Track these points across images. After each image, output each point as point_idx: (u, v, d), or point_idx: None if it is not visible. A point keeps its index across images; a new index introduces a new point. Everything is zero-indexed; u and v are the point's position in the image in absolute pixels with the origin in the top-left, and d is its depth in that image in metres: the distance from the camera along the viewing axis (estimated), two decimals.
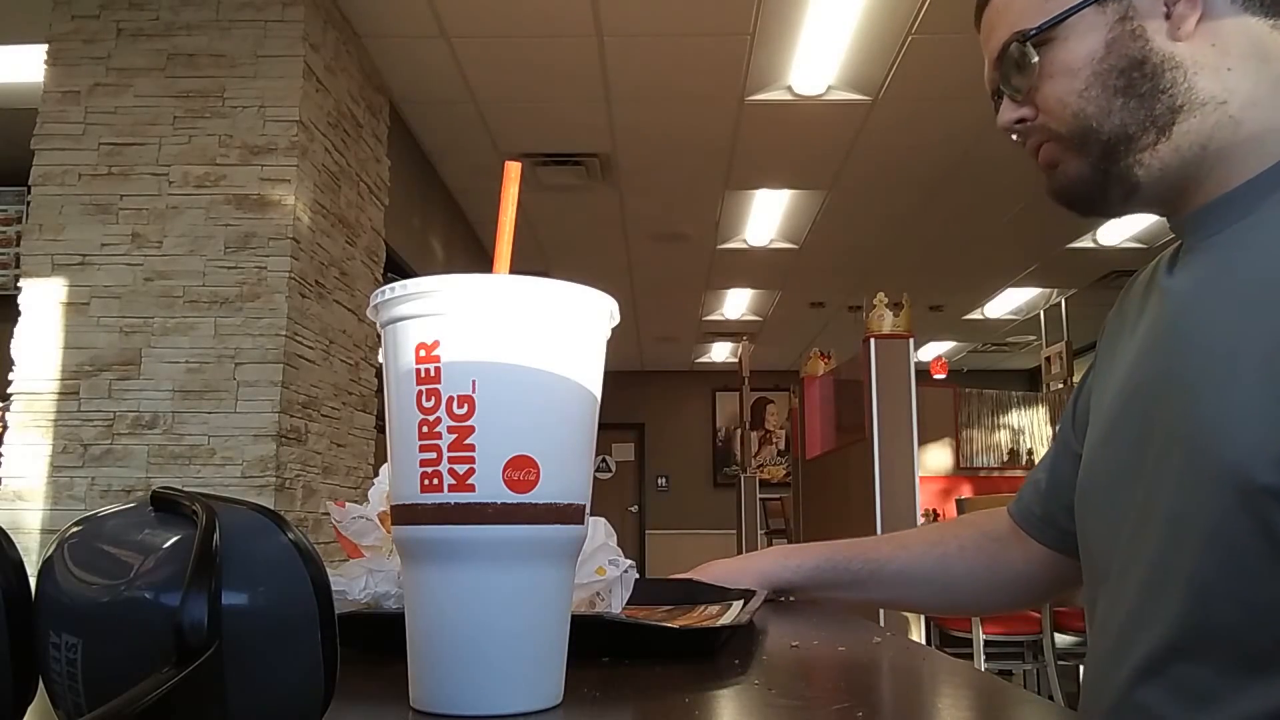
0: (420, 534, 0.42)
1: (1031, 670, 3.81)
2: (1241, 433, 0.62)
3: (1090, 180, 0.75)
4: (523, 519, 0.41)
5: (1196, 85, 0.70)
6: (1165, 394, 0.70)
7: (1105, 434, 0.78)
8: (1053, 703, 2.86)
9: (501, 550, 0.42)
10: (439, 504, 0.41)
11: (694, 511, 11.99)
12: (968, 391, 6.26)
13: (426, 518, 0.42)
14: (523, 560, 0.42)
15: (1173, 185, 0.73)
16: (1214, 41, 0.70)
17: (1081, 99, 0.73)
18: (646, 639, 0.58)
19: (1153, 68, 0.71)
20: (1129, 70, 0.71)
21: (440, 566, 0.42)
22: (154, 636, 0.29)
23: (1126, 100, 0.71)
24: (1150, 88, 0.71)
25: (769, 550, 1.12)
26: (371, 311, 0.45)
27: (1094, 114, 0.72)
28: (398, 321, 0.43)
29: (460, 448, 0.41)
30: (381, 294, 0.44)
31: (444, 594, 0.42)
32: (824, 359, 5.56)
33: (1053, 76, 0.74)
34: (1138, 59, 0.71)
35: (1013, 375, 11.76)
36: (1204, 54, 0.70)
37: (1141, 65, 0.71)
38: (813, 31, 4.07)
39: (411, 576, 0.44)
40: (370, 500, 0.72)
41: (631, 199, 6.10)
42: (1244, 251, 0.69)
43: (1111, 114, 0.72)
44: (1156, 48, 0.71)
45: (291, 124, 3.44)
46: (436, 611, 0.42)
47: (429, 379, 0.42)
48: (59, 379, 3.32)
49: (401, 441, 0.43)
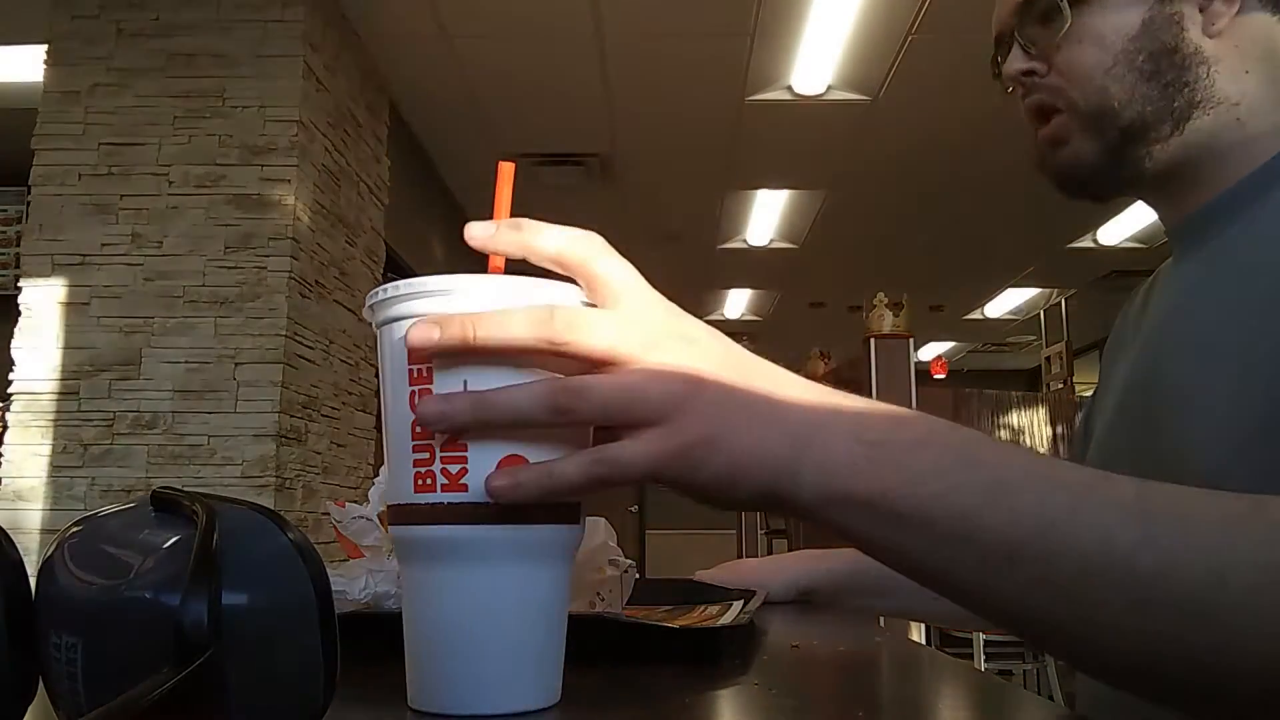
0: (414, 534, 0.43)
1: (1031, 670, 3.81)
2: (1215, 448, 0.60)
3: (1096, 166, 0.72)
4: (516, 519, 0.41)
5: (1216, 83, 0.69)
6: (1151, 402, 0.69)
7: (1101, 441, 0.78)
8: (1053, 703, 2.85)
9: (495, 549, 0.42)
10: (432, 504, 0.41)
11: (694, 511, 11.94)
12: (968, 391, 6.25)
13: (420, 518, 0.42)
14: (517, 559, 0.42)
15: (1171, 178, 0.72)
16: (1237, 42, 0.69)
17: (1108, 77, 0.70)
18: (646, 639, 0.58)
19: (1182, 58, 0.69)
20: (1159, 56, 0.69)
21: (434, 566, 0.42)
22: (154, 636, 0.29)
23: (1150, 87, 0.69)
24: (1175, 78, 0.69)
25: (799, 553, 1.13)
26: (367, 312, 0.45)
27: (1117, 94, 0.70)
28: (391, 322, 0.43)
29: (453, 447, 0.41)
30: (375, 295, 0.44)
31: (438, 593, 0.42)
32: (824, 359, 5.56)
33: (1081, 42, 0.71)
34: (1170, 46, 0.69)
35: (1013, 375, 11.75)
36: (1227, 52, 0.69)
37: (1172, 54, 0.69)
38: (813, 31, 4.07)
39: (407, 576, 0.44)
40: (370, 500, 0.72)
41: (631, 199, 6.10)
42: (1228, 256, 0.68)
43: (1134, 100, 0.70)
44: (1190, 39, 0.69)
45: (291, 124, 3.44)
46: (432, 611, 0.42)
47: (421, 379, 0.42)
48: (59, 379, 3.32)
49: (395, 442, 0.43)
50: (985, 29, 0.80)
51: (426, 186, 5.49)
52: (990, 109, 4.70)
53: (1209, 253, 0.70)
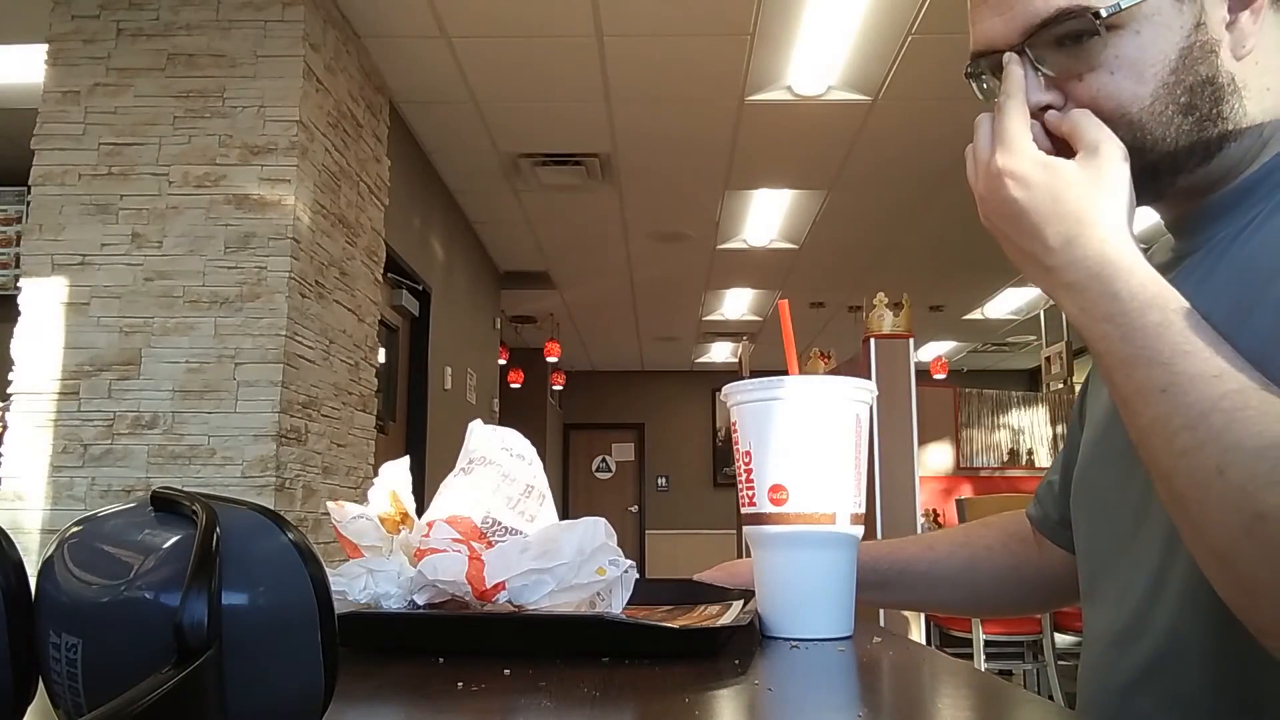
0: (748, 530, 0.73)
1: (1031, 670, 3.81)
2: None
3: None
4: (779, 521, 0.70)
5: (1248, 109, 0.64)
6: None
7: (1100, 433, 0.77)
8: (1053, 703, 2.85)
9: (773, 539, 0.71)
10: (747, 513, 0.73)
11: (694, 511, 11.98)
12: (968, 391, 6.25)
13: (747, 521, 0.73)
14: (790, 545, 0.70)
15: (1186, 194, 0.70)
16: (1258, 58, 0.65)
17: (1145, 113, 0.64)
18: (646, 639, 0.58)
19: (1218, 89, 0.64)
20: (1196, 88, 0.63)
21: (759, 548, 0.72)
22: (154, 636, 0.29)
23: (1185, 120, 0.64)
24: (1210, 110, 0.64)
25: None
26: (724, 397, 0.75)
27: (1153, 129, 0.64)
28: (731, 406, 0.74)
29: (748, 481, 0.72)
30: (726, 394, 0.75)
31: (761, 563, 0.72)
32: (824, 359, 5.56)
33: (1115, 74, 0.64)
34: (1208, 77, 0.63)
35: (1013, 375, 11.76)
36: (1251, 73, 0.65)
37: (1209, 85, 0.63)
38: (813, 31, 4.07)
39: (754, 555, 0.74)
40: (370, 500, 0.72)
41: (631, 199, 6.10)
42: (1229, 252, 0.67)
43: (1168, 137, 0.64)
44: (1225, 67, 0.64)
45: (291, 124, 3.44)
46: (761, 573, 0.72)
47: (734, 442, 0.74)
48: (59, 379, 3.32)
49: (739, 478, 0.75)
50: None
51: (426, 186, 5.49)
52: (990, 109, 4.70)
53: (1209, 246, 0.69)
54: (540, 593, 0.62)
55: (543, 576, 0.62)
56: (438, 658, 0.56)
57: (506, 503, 0.71)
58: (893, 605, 1.08)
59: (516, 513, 0.71)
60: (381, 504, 0.71)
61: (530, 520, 0.71)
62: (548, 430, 10.93)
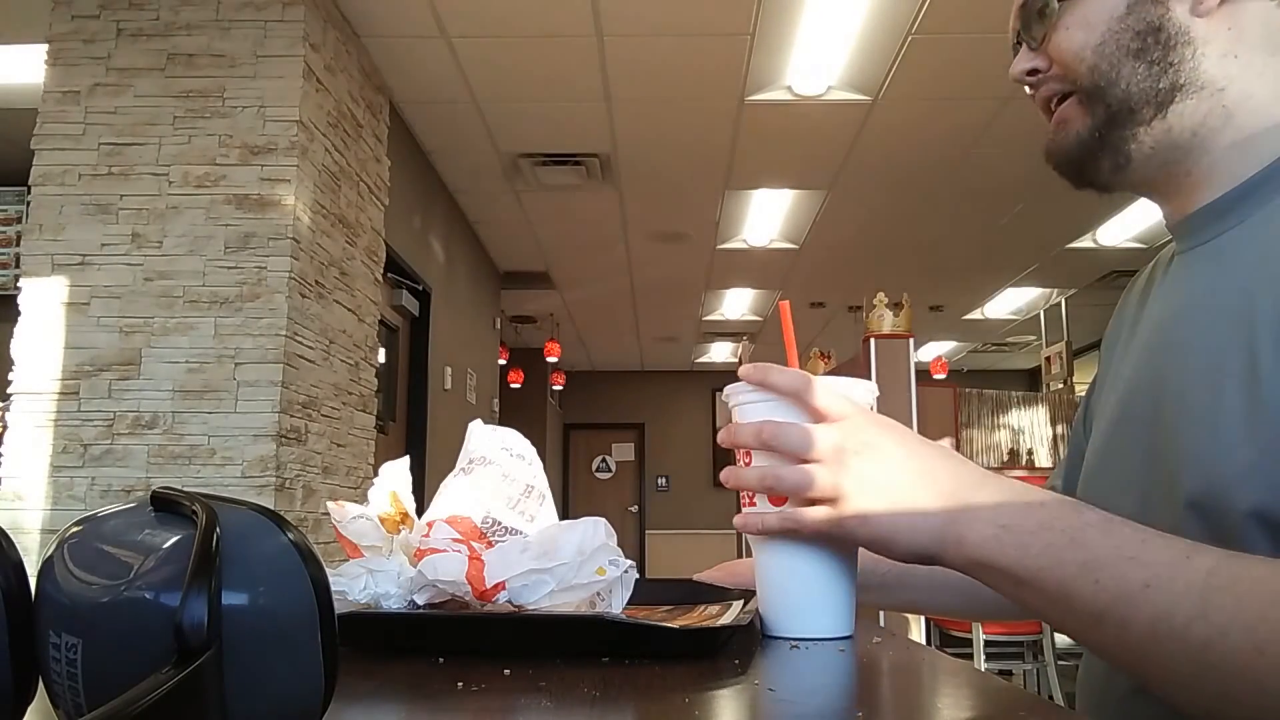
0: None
1: (1031, 670, 3.81)
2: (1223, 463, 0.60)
3: (1087, 144, 0.73)
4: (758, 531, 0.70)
5: (1201, 66, 0.69)
6: (1158, 405, 0.69)
7: (1105, 441, 0.77)
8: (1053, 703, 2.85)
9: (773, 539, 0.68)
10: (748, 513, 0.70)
11: (694, 511, 11.99)
12: (968, 391, 6.26)
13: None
14: (791, 545, 0.67)
15: (1160, 168, 0.72)
16: (1231, 25, 0.69)
17: (1096, 54, 0.72)
18: (646, 639, 0.58)
19: (1167, 37, 0.69)
20: (1144, 34, 0.70)
21: (760, 548, 0.70)
22: (154, 636, 0.29)
23: (1136, 64, 0.70)
24: (1160, 57, 0.69)
25: None
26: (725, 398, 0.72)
27: (1107, 71, 0.71)
28: (733, 406, 0.72)
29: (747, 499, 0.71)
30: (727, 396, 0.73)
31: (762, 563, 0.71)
32: (824, 359, 5.56)
33: (1069, 29, 0.73)
34: (1154, 24, 0.70)
35: (1013, 375, 11.77)
36: (1218, 34, 0.69)
37: (1157, 32, 0.70)
38: (813, 32, 4.07)
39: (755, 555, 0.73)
40: (370, 500, 0.72)
41: (631, 199, 6.10)
42: (1233, 260, 0.67)
43: (1121, 77, 0.71)
44: (1175, 18, 0.69)
45: (291, 124, 3.45)
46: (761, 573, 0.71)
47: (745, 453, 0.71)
48: (59, 379, 3.32)
49: None
50: (985, 29, 0.81)
51: (426, 186, 5.49)
52: (990, 109, 4.70)
53: (1212, 252, 0.70)
54: (540, 593, 0.62)
55: (543, 576, 0.62)
56: (438, 658, 0.56)
57: (506, 503, 0.71)
58: (893, 608, 1.07)
59: (516, 513, 0.70)
60: (381, 504, 0.71)
61: (530, 520, 0.71)
62: (548, 430, 10.94)
